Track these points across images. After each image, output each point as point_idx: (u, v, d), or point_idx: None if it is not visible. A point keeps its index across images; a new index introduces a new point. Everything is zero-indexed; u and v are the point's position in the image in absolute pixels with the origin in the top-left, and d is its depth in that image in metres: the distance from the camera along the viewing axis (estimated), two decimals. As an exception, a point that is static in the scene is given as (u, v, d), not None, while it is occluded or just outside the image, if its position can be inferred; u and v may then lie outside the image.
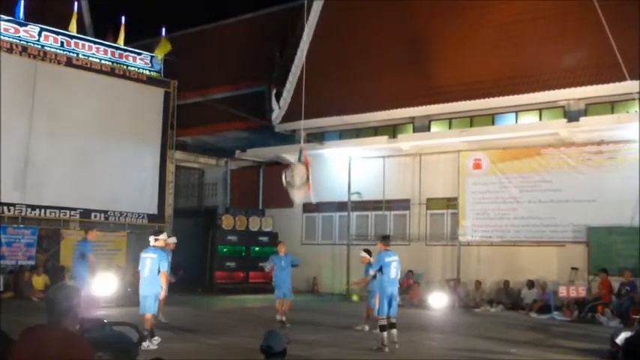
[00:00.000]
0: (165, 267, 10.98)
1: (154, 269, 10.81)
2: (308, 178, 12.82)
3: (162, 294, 11.10)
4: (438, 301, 18.53)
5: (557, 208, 19.07)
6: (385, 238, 11.90)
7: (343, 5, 25.19)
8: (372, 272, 11.41)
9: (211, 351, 10.90)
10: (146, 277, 10.88)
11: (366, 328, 13.30)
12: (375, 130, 23.44)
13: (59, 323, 3.74)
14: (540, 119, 20.64)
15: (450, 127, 22.27)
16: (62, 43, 21.10)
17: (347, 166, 23.05)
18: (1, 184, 18.31)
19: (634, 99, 17.89)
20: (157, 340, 10.84)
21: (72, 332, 3.80)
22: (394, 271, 11.27)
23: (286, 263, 14.46)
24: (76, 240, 16.24)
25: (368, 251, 13.80)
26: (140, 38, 26.80)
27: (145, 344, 10.25)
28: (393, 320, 11.26)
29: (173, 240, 14.34)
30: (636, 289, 16.11)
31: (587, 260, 18.37)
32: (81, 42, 21.75)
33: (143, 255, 11.05)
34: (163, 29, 24.11)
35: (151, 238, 11.17)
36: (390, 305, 11.16)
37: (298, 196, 12.92)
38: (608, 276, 16.94)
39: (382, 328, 11.06)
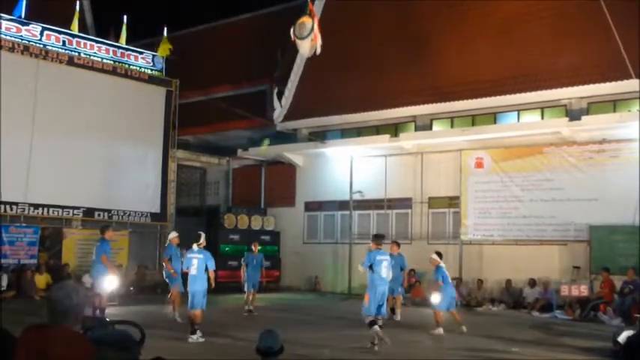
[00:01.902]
0: (212, 266, 11.95)
1: (201, 268, 11.80)
2: (313, 29, 12.62)
3: (212, 285, 12.06)
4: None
5: (559, 206, 19.06)
6: (377, 237, 11.83)
7: (345, 4, 25.16)
8: (360, 269, 11.41)
9: (213, 349, 10.93)
10: (194, 275, 11.81)
11: (441, 331, 13.12)
12: (377, 129, 23.41)
13: (61, 323, 3.74)
14: (542, 118, 20.60)
15: (451, 126, 22.24)
16: (64, 42, 21.14)
17: (349, 165, 23.05)
18: (4, 183, 18.34)
19: (636, 97, 17.88)
20: (195, 336, 11.48)
21: (74, 331, 3.79)
22: (385, 270, 11.20)
23: (257, 262, 16.24)
24: (96, 241, 16.25)
25: (439, 253, 13.94)
26: (142, 37, 26.84)
27: (195, 337, 11.40)
28: (380, 322, 11.24)
29: (175, 234, 15.15)
30: (639, 288, 16.08)
31: (589, 259, 18.35)
32: (83, 41, 21.80)
33: (190, 255, 12.05)
34: (165, 28, 24.15)
35: (194, 245, 12.13)
36: (379, 305, 11.13)
37: (304, 48, 12.76)
38: (610, 275, 16.93)
39: (372, 323, 10.99)
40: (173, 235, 15.03)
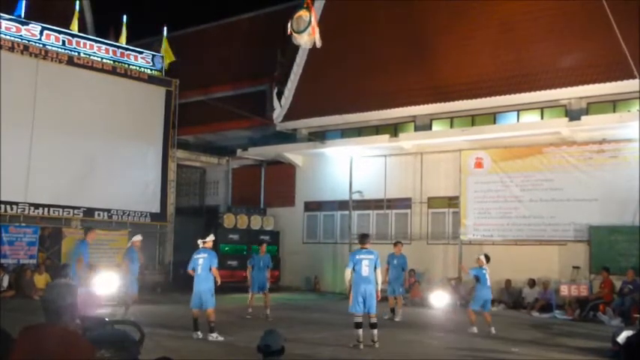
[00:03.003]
0: (215, 264, 12.12)
1: (206, 267, 12.00)
2: (310, 22, 12.52)
3: (219, 281, 12.25)
4: (440, 299, 18.53)
5: (558, 206, 19.06)
6: (361, 237, 11.99)
7: (345, 4, 25.17)
8: (348, 271, 11.42)
9: (213, 349, 10.92)
10: (200, 274, 12.00)
11: (475, 329, 13.35)
12: (377, 129, 23.42)
13: (57, 322, 3.74)
14: (542, 118, 20.60)
15: (451, 126, 22.25)
16: (64, 41, 21.13)
17: (348, 165, 23.05)
18: (4, 183, 18.33)
19: (636, 98, 17.88)
20: (215, 335, 11.72)
21: (72, 330, 3.80)
22: (366, 269, 11.27)
23: (264, 263, 15.89)
24: (75, 240, 16.35)
25: (487, 256, 14.13)
26: (142, 37, 26.83)
27: (214, 335, 11.62)
28: (374, 320, 11.33)
29: (138, 238, 14.92)
30: (639, 288, 16.08)
31: (588, 259, 18.37)
32: (82, 41, 21.80)
33: (196, 256, 12.18)
34: (165, 28, 24.13)
35: (200, 242, 12.37)
36: (365, 303, 11.23)
37: (302, 41, 12.65)
38: (609, 275, 16.93)
39: (356, 325, 11.19)
40: (137, 239, 14.79)
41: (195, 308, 12.04)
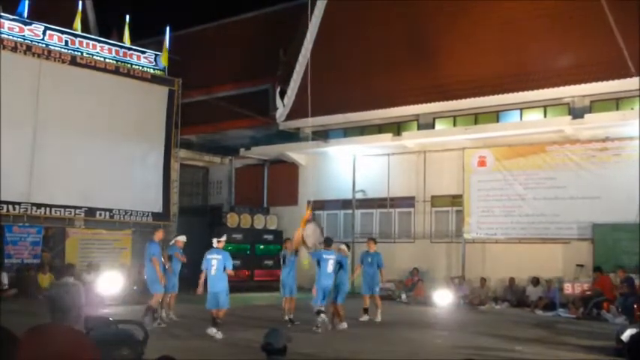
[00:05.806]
0: (230, 266, 12.17)
1: (220, 268, 12.03)
2: (322, 231, 15.31)
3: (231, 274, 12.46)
4: (443, 298, 18.53)
5: (562, 205, 19.05)
6: (325, 241, 13.83)
7: (347, 3, 25.17)
8: (306, 263, 13.61)
9: (216, 349, 10.93)
10: (214, 275, 12.03)
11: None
12: (380, 128, 23.43)
13: (63, 321, 3.74)
14: (545, 116, 20.58)
15: (454, 125, 22.22)
16: (66, 41, 21.15)
17: (351, 164, 23.04)
18: (7, 183, 18.35)
19: (638, 95, 17.85)
20: (214, 330, 11.82)
21: (77, 331, 3.78)
22: (330, 267, 13.09)
23: (293, 261, 14.94)
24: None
25: (347, 245, 15.71)
26: (144, 37, 26.84)
27: (214, 330, 11.69)
28: (322, 308, 12.97)
29: (183, 238, 14.85)
30: (633, 284, 16.03)
31: (592, 257, 18.35)
32: (85, 41, 21.81)
33: (209, 256, 12.20)
34: (167, 28, 24.13)
35: (215, 243, 12.44)
36: (324, 296, 13.06)
37: (311, 241, 14.29)
38: (603, 274, 16.88)
39: (319, 312, 12.83)
40: (181, 238, 14.73)
41: (212, 308, 12.05)
